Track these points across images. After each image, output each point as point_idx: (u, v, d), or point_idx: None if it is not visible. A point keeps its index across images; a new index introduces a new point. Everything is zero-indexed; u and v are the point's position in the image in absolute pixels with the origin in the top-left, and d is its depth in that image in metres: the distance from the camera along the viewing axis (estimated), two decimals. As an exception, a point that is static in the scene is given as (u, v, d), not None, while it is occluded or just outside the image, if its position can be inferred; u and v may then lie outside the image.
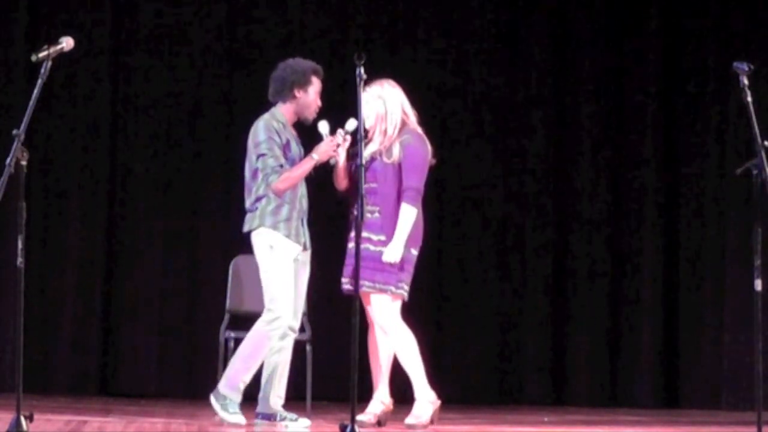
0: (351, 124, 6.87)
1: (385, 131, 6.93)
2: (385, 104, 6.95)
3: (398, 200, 6.86)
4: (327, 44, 9.65)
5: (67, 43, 5.70)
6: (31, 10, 9.62)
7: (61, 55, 5.69)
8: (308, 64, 6.77)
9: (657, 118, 10.15)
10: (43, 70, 5.57)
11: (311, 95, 6.71)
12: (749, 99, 6.03)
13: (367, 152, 6.95)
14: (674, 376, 10.00)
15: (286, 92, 6.68)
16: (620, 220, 10.15)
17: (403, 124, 6.95)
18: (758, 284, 6.01)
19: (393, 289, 6.84)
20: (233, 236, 8.89)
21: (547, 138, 10.16)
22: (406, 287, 6.89)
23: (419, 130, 7.00)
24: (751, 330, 6.08)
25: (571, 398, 9.93)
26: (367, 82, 6.95)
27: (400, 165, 6.88)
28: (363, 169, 6.06)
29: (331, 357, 8.60)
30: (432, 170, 6.98)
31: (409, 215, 6.83)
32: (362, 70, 6.05)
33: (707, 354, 9.91)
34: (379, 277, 6.84)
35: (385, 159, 6.89)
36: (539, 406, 9.56)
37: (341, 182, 6.98)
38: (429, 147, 6.99)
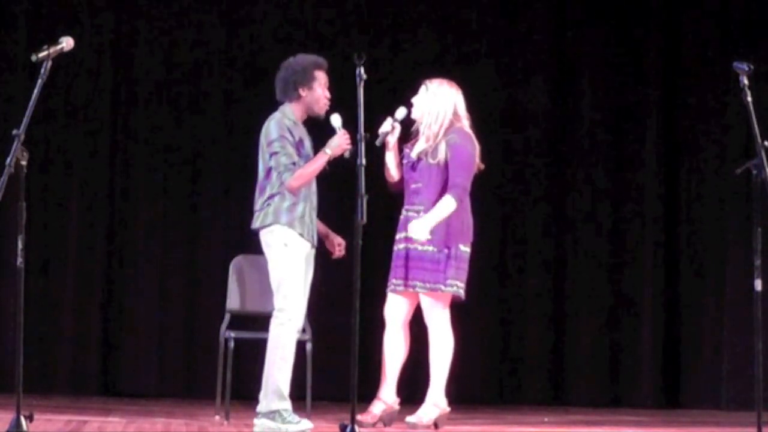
0: (400, 112, 6.89)
1: (430, 127, 6.94)
2: (435, 101, 6.96)
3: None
4: (328, 43, 9.64)
5: (67, 43, 5.70)
6: (31, 10, 9.62)
7: (61, 55, 5.69)
8: (309, 59, 6.72)
9: (657, 118, 10.14)
10: (43, 70, 5.58)
11: (317, 90, 6.66)
12: (749, 99, 6.03)
13: (415, 151, 6.98)
14: (674, 376, 10.00)
15: (290, 93, 6.64)
16: (620, 220, 10.14)
17: (451, 125, 6.96)
18: (758, 284, 6.01)
19: (442, 287, 6.87)
20: (233, 236, 8.94)
21: (548, 138, 10.15)
22: (459, 284, 6.91)
23: (468, 130, 7.00)
24: (751, 330, 6.08)
25: (571, 398, 9.93)
26: (428, 78, 7.00)
27: (445, 166, 6.89)
28: (363, 169, 6.05)
29: (331, 357, 8.60)
30: (479, 174, 7.00)
31: (448, 205, 6.85)
32: (362, 70, 6.05)
33: (707, 354, 9.91)
34: (429, 277, 6.87)
35: (430, 160, 6.92)
36: (539, 406, 9.55)
37: (391, 175, 6.99)
38: (477, 147, 7.01)
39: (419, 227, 6.82)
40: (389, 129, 6.93)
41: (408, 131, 7.07)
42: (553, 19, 10.20)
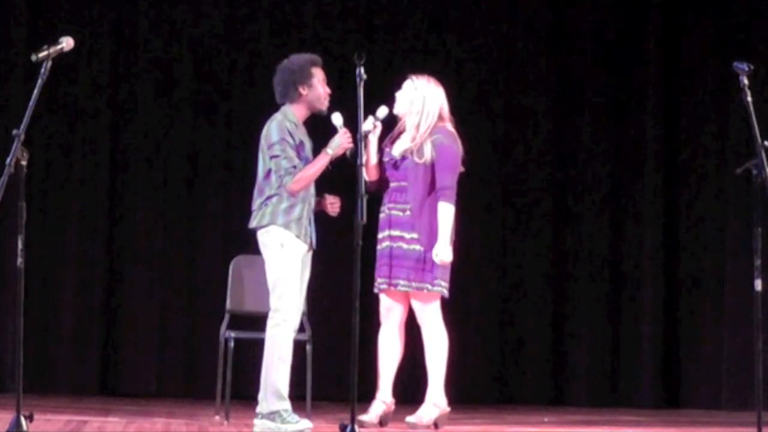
0: (382, 111, 6.89)
1: (418, 127, 6.94)
2: (424, 100, 6.96)
3: (427, 198, 6.88)
4: (328, 43, 9.63)
5: (67, 43, 5.71)
6: (31, 10, 9.62)
7: (62, 55, 5.69)
8: (304, 57, 6.73)
9: (657, 119, 10.14)
10: (43, 70, 5.58)
11: (317, 87, 6.66)
12: (749, 99, 6.03)
13: (398, 149, 6.98)
14: (674, 376, 10.00)
15: (291, 93, 6.65)
16: (620, 220, 10.14)
17: (435, 125, 6.95)
18: (758, 284, 6.01)
19: (429, 287, 6.87)
20: (233, 236, 8.94)
21: (547, 138, 10.15)
22: (444, 284, 6.91)
23: (452, 129, 7.00)
24: (751, 330, 6.08)
25: (571, 398, 9.93)
26: (414, 74, 7.00)
27: (432, 165, 6.89)
28: (363, 169, 6.06)
29: (331, 357, 8.60)
30: (461, 176, 7.01)
31: (448, 213, 6.86)
32: (362, 70, 6.05)
33: (707, 354, 9.90)
34: (414, 276, 6.87)
35: (416, 158, 6.91)
36: (539, 406, 9.56)
37: (371, 173, 6.99)
38: (461, 146, 7.00)
39: (441, 250, 6.83)
40: (371, 128, 6.92)
41: (389, 128, 7.06)
42: (552, 18, 10.18)
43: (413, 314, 7.01)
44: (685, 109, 10.12)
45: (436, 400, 6.98)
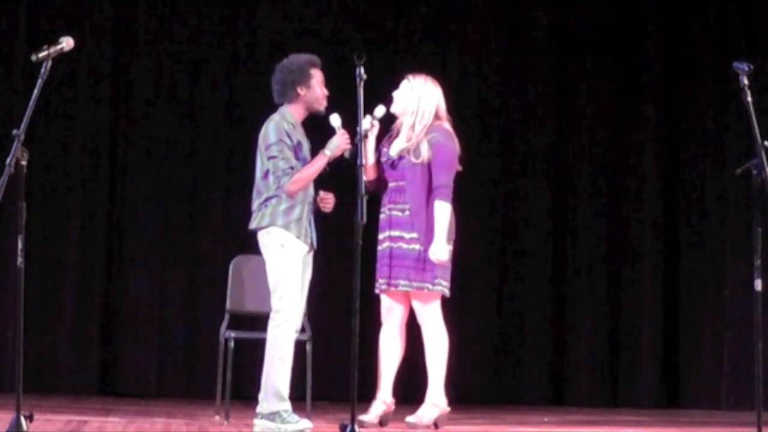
0: (379, 110, 6.88)
1: (413, 127, 6.94)
2: (419, 100, 6.95)
3: (427, 198, 6.88)
4: (327, 44, 9.63)
5: (67, 43, 5.70)
6: (31, 10, 9.62)
7: (62, 55, 5.69)
8: (303, 58, 6.73)
9: (657, 119, 10.14)
10: (43, 70, 5.58)
11: (315, 88, 6.66)
12: (749, 99, 6.03)
13: (395, 149, 6.97)
14: (674, 376, 10.00)
15: (289, 93, 6.65)
16: (620, 221, 10.14)
17: (433, 123, 6.95)
18: (758, 284, 6.01)
19: (429, 286, 6.87)
20: (233, 236, 8.94)
21: (548, 140, 10.15)
22: (444, 283, 6.91)
23: (449, 127, 7.00)
24: (751, 330, 6.08)
25: (571, 398, 9.93)
26: (411, 74, 7.00)
27: (429, 164, 6.89)
28: (363, 169, 6.06)
29: (331, 357, 8.60)
30: (458, 175, 7.00)
31: (444, 212, 6.85)
32: (362, 70, 6.05)
33: (707, 354, 9.91)
34: (414, 276, 6.86)
35: (413, 158, 6.91)
36: (539, 406, 9.56)
37: (369, 173, 6.98)
38: (458, 144, 7.00)
39: (438, 249, 6.82)
40: (369, 127, 6.92)
41: (386, 128, 7.06)
42: (552, 19, 10.18)
43: (414, 314, 7.01)
44: (685, 109, 10.13)
45: (436, 400, 6.98)
